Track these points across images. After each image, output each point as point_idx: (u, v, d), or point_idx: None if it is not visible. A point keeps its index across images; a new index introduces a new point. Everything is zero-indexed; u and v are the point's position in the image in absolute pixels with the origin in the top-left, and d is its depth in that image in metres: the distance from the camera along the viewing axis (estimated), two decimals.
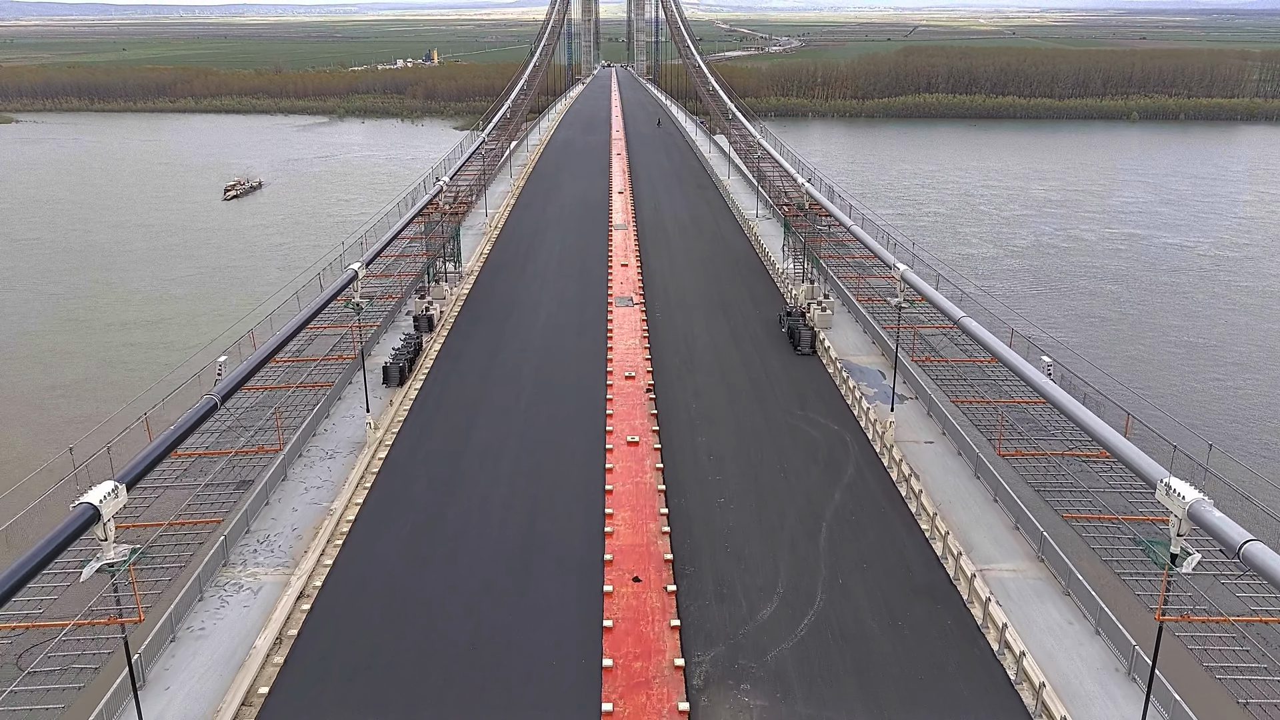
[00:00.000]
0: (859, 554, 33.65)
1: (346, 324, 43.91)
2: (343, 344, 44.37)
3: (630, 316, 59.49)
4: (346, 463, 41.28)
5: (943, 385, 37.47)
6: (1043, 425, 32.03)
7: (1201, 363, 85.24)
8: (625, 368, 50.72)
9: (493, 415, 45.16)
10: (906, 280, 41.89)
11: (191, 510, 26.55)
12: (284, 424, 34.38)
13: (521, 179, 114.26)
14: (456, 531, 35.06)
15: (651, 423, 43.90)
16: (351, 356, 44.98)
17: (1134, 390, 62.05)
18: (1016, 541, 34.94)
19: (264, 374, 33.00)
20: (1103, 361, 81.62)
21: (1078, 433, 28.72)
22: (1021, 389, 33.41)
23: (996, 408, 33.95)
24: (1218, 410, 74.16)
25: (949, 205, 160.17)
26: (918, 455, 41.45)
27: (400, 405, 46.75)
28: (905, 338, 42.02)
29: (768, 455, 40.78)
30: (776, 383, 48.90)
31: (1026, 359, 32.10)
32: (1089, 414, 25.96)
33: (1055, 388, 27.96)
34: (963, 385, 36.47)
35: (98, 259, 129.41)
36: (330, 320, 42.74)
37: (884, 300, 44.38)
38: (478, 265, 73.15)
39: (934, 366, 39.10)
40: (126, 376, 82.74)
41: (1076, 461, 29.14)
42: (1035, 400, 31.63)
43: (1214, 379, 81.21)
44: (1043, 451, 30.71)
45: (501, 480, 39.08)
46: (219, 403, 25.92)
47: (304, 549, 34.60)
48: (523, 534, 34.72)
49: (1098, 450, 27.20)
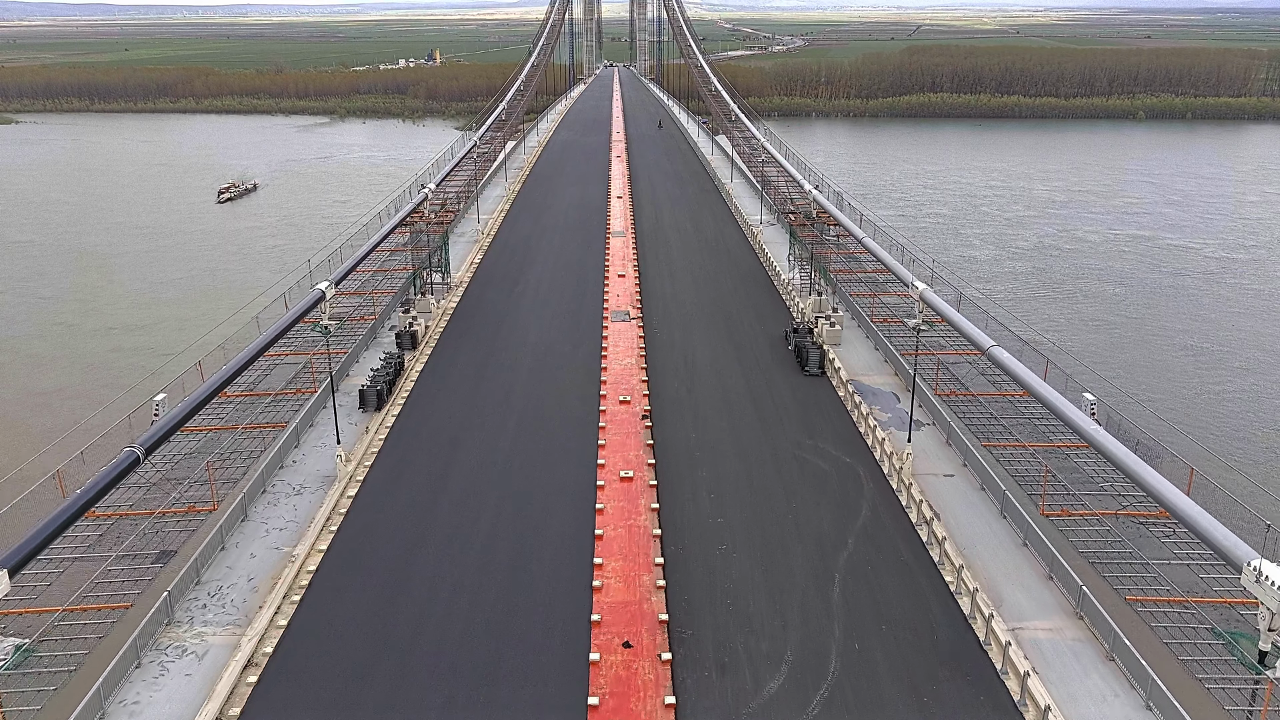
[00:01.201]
0: (877, 611, 30.09)
1: (314, 349, 40.36)
2: (312, 369, 40.80)
3: (627, 333, 55.93)
4: (314, 500, 37.77)
5: (970, 424, 33.76)
6: (1087, 475, 28.36)
7: (1211, 369, 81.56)
8: (620, 390, 47.18)
9: (475, 446, 41.63)
10: (926, 301, 38.33)
11: (100, 590, 23.01)
12: (231, 472, 30.75)
13: (518, 182, 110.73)
14: (426, 588, 31.51)
15: (647, 454, 40.34)
16: (311, 391, 41.30)
17: (1179, 427, 57.56)
18: (1051, 594, 31.32)
19: (214, 410, 29.42)
20: (1106, 368, 78.28)
21: (1129, 485, 25.14)
22: (1058, 428, 29.77)
23: (1034, 454, 30.25)
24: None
25: (951, 206, 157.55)
26: (938, 491, 37.88)
27: (375, 434, 43.22)
28: (925, 364, 38.43)
29: (774, 493, 37.22)
30: (783, 408, 45.29)
31: (1065, 394, 28.57)
32: (1150, 472, 22.39)
33: (1106, 436, 24.36)
34: (990, 423, 32.83)
35: (89, 262, 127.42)
36: (295, 346, 39.19)
37: (900, 321, 40.77)
38: (468, 275, 69.61)
39: (959, 401, 35.41)
40: (110, 383, 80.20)
41: (1132, 523, 25.48)
42: (1076, 444, 27.99)
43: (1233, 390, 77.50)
44: (1092, 511, 27.03)
45: (481, 523, 35.54)
46: (142, 456, 22.41)
47: (260, 603, 31.12)
48: (502, 591, 31.15)
49: (1155, 509, 23.58)
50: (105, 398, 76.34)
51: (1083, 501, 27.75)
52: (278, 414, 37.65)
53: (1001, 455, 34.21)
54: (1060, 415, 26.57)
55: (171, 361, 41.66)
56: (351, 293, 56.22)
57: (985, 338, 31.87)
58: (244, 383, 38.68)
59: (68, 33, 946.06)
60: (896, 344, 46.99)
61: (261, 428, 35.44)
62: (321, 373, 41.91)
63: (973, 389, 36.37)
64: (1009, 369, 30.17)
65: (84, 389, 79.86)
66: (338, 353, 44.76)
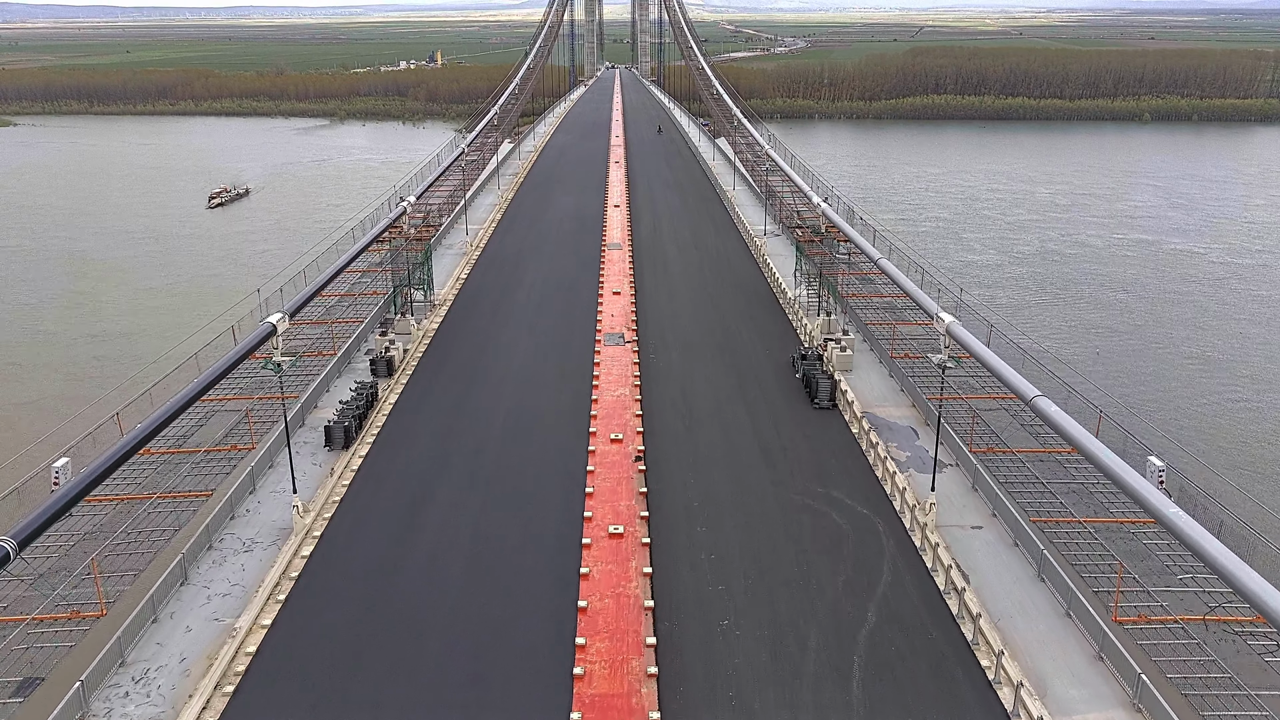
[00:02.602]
0: (903, 706, 25.86)
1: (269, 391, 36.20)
2: (264, 407, 36.66)
3: (621, 358, 51.65)
4: (265, 559, 33.57)
5: (1011, 490, 29.41)
6: (1161, 564, 24.02)
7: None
8: (612, 426, 42.92)
9: (447, 494, 37.36)
10: (954, 336, 34.07)
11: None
12: (133, 560, 26.31)
13: (512, 189, 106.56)
14: (377, 677, 27.23)
15: (639, 505, 36.07)
16: (251, 447, 36.99)
17: (1240, 487, 52.44)
18: (1103, 678, 27.06)
19: (128, 473, 25.20)
20: (1109, 378, 74.24)
21: (1206, 572, 20.88)
22: (1118, 499, 25.45)
23: (1092, 534, 25.90)
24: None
25: (952, 210, 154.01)
26: (966, 548, 33.65)
27: (340, 478, 39.01)
28: (953, 410, 34.15)
29: (783, 554, 32.96)
30: (792, 449, 40.99)
31: (1123, 456, 24.29)
32: (1248, 572, 18.05)
33: (1187, 521, 20.02)
34: (1036, 488, 28.43)
35: (77, 267, 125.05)
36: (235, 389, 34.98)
37: (922, 357, 36.50)
38: (453, 292, 65.37)
39: (997, 461, 31.11)
40: (89, 393, 77.34)
41: (1225, 631, 21.17)
42: (1141, 519, 23.69)
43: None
44: (1173, 617, 22.68)
45: (449, 592, 31.26)
46: (12, 553, 18.21)
47: (189, 691, 26.93)
48: (465, 682, 26.88)
49: (1251, 612, 19.33)
50: (70, 412, 73.59)
51: (1161, 604, 23.37)
52: (208, 476, 33.29)
53: (1056, 537, 29.89)
54: (1126, 489, 22.24)
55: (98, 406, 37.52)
56: (315, 322, 52.10)
57: (1028, 385, 27.55)
58: (175, 435, 34.54)
59: (70, 34, 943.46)
60: (918, 382, 42.69)
61: (182, 496, 31.11)
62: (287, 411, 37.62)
63: (1009, 442, 31.96)
64: (1058, 426, 25.85)
65: (63, 398, 76.81)
66: (291, 396, 40.47)
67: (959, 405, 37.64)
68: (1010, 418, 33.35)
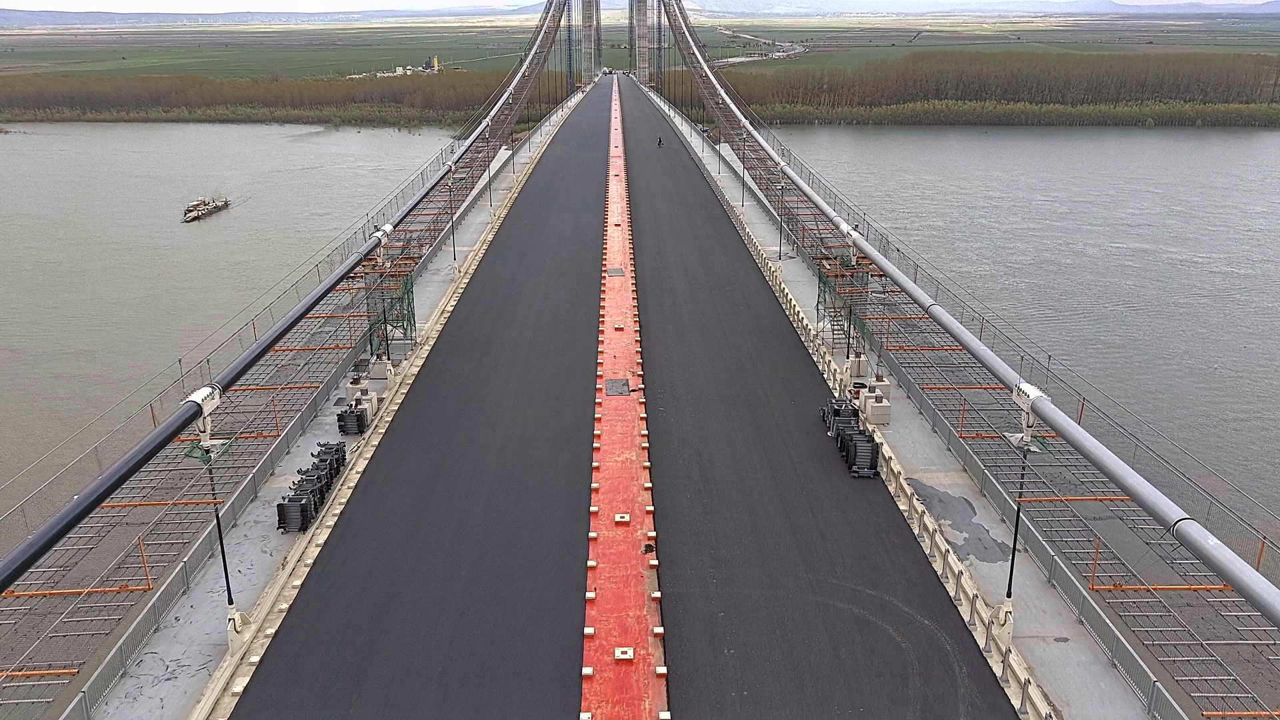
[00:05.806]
0: None
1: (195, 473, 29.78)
2: (198, 488, 30.28)
3: (625, 412, 45.13)
4: (190, 691, 27.14)
5: (1127, 622, 22.98)
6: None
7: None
8: (616, 504, 36.45)
9: (415, 603, 30.72)
10: (1039, 414, 27.64)
11: None
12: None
13: (505, 206, 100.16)
14: None
15: (652, 617, 29.59)
16: (144, 577, 30.32)
17: None
18: None
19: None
20: (1114, 393, 68.17)
21: None
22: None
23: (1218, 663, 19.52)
24: None
25: (948, 218, 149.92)
26: (1053, 670, 27.36)
27: (292, 574, 32.53)
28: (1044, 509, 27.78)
29: (832, 688, 26.47)
30: (830, 535, 34.48)
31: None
32: None
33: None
34: (1156, 616, 21.94)
35: (48, 279, 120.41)
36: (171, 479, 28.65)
37: (998, 437, 30.13)
38: (437, 328, 58.84)
39: (1123, 598, 24.72)
40: (44, 417, 73.38)
41: None
42: None
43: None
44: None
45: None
46: None
47: None
48: None
49: None
50: (37, 433, 68.25)
51: None
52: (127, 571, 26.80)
53: (1154, 642, 23.45)
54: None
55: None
56: (264, 387, 45.63)
57: (1172, 506, 21.05)
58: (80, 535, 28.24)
59: (67, 41, 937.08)
60: (993, 469, 36.28)
61: (98, 592, 24.64)
62: (219, 507, 31.21)
63: (1099, 530, 25.58)
64: (1209, 559, 19.42)
65: (15, 422, 72.25)
66: (225, 487, 33.95)
67: (1027, 477, 31.20)
68: (1125, 526, 26.93)
